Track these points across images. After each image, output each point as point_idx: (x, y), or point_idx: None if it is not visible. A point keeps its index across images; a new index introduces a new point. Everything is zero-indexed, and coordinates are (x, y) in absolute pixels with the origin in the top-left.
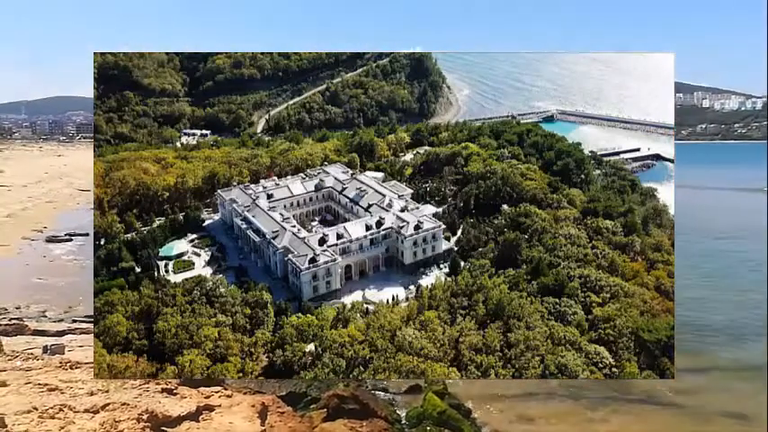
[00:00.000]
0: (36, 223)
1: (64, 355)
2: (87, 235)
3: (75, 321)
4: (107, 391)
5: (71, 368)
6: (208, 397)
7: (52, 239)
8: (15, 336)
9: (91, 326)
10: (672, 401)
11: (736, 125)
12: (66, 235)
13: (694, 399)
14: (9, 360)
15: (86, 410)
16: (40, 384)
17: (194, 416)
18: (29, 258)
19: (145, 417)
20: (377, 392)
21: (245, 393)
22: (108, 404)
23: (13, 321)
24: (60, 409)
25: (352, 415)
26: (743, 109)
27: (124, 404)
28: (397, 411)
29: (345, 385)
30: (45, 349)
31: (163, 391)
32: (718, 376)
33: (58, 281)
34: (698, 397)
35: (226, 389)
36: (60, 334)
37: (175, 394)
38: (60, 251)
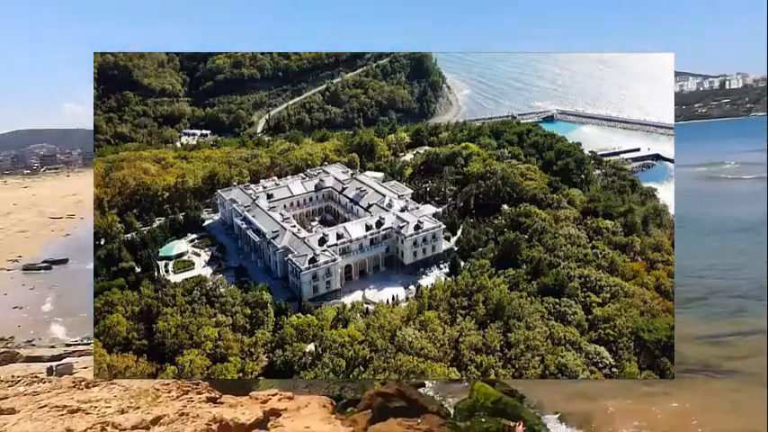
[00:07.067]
0: (10, 253)
1: (71, 375)
2: (66, 261)
3: (69, 345)
4: (138, 408)
5: (87, 387)
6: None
7: (29, 268)
8: (7, 364)
9: (90, 347)
10: None
11: (696, 105)
12: (43, 263)
13: None
14: (10, 386)
15: (135, 427)
16: (57, 407)
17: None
18: (6, 288)
19: (214, 427)
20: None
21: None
22: (161, 417)
23: (2, 351)
24: (103, 429)
25: (400, 413)
26: (701, 89)
27: (182, 414)
28: (445, 405)
29: (382, 384)
30: (50, 371)
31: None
32: None
33: (39, 308)
34: None
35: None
36: (57, 358)
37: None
38: (41, 280)
